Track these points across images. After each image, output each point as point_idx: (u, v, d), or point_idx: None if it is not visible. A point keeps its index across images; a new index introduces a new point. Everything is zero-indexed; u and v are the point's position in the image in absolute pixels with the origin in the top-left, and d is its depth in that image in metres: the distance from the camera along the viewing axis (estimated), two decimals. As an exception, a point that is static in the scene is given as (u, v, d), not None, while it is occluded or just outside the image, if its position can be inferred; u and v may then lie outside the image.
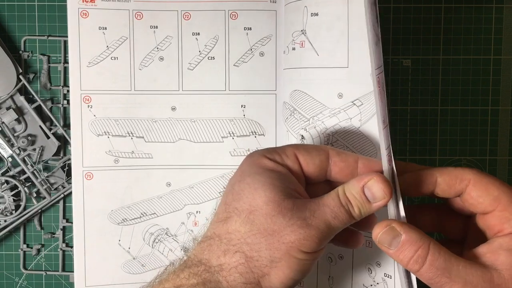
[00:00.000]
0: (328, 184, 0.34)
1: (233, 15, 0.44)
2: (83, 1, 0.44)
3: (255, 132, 0.45)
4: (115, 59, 0.44)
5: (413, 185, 0.33)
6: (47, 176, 0.47)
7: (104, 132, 0.45)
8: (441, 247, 0.30)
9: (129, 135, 0.45)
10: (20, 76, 0.46)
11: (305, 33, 0.41)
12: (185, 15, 0.44)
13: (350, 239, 0.35)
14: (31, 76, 0.47)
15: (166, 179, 0.45)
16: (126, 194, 0.45)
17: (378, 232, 0.30)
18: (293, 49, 0.42)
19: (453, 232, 0.35)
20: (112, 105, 0.44)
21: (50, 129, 0.47)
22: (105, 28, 0.44)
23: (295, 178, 0.32)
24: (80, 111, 0.44)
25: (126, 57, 0.44)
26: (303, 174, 0.32)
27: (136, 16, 0.44)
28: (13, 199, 0.47)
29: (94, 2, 0.44)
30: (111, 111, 0.45)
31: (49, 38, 0.47)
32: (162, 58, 0.45)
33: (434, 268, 0.29)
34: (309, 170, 0.32)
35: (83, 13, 0.43)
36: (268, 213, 0.29)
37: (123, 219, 0.45)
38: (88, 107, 0.44)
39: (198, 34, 0.44)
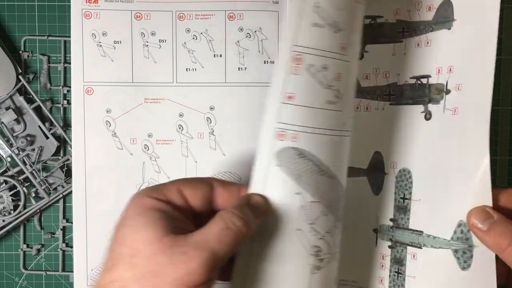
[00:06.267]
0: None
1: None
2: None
3: None
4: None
5: None
6: (46, 176, 0.47)
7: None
8: None
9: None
10: (20, 76, 0.46)
11: None
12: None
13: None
14: (30, 76, 0.47)
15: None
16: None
17: (473, 212, 0.33)
18: None
19: None
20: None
21: (49, 129, 0.47)
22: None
23: (179, 213, 0.31)
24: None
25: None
26: (190, 208, 0.32)
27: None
28: (12, 199, 0.47)
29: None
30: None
31: (49, 38, 0.47)
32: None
33: None
34: (196, 203, 0.32)
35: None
36: (150, 254, 0.28)
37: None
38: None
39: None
